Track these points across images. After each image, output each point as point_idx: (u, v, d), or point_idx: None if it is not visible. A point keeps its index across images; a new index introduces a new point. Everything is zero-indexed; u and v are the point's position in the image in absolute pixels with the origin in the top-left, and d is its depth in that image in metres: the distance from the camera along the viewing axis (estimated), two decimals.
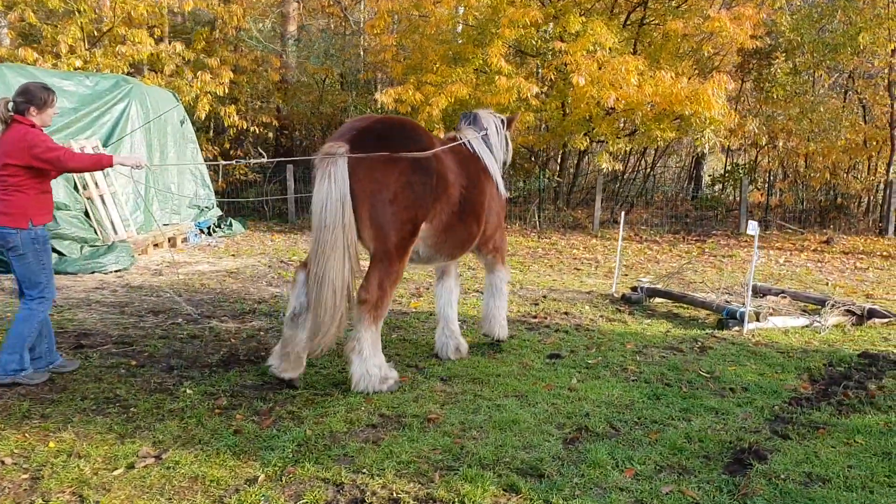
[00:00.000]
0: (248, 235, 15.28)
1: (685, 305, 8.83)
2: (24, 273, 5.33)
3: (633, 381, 5.87)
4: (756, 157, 17.74)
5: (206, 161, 16.19)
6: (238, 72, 16.52)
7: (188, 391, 5.42)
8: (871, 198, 17.25)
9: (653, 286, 9.39)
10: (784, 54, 15.62)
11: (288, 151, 18.70)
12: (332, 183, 5.04)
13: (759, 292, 9.57)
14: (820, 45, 15.20)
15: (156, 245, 12.57)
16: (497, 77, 13.80)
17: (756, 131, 15.47)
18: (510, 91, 13.82)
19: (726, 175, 18.25)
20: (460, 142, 6.19)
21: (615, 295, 9.60)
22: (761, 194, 16.57)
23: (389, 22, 15.26)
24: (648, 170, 19.92)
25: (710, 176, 19.73)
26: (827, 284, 11.20)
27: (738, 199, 17.53)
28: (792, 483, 4.10)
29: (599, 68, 13.72)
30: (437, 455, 4.39)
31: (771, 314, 8.16)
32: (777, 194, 16.87)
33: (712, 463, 4.37)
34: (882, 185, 16.57)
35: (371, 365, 5.36)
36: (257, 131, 16.56)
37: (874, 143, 16.65)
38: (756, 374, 6.12)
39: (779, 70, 15.41)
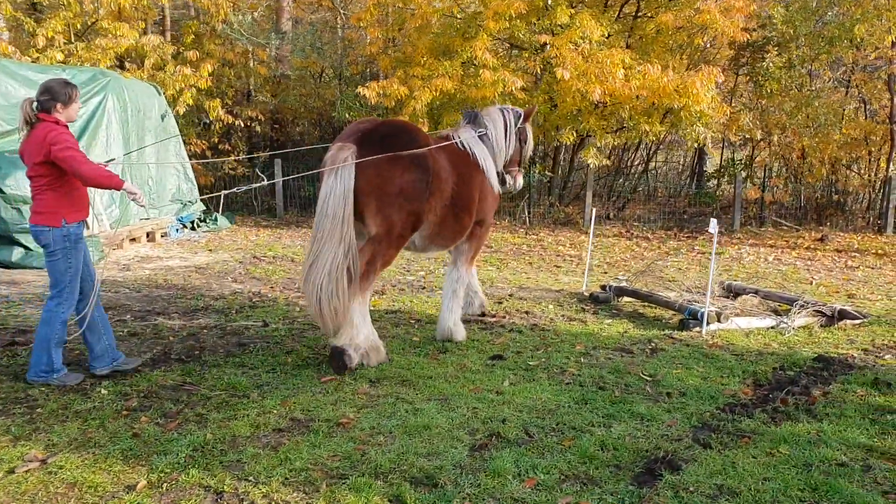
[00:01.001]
0: (234, 230, 15.19)
1: (652, 305, 8.60)
2: (51, 271, 5.31)
3: (567, 384, 5.67)
4: (752, 152, 17.37)
5: (191, 158, 16.12)
6: (226, 65, 16.40)
7: (103, 391, 5.29)
8: (871, 194, 16.84)
9: (620, 285, 9.16)
10: (777, 48, 15.23)
11: (281, 146, 18.59)
12: (339, 178, 5.57)
13: (732, 291, 9.34)
14: (816, 38, 14.83)
15: (133, 240, 12.51)
16: (482, 70, 13.57)
17: (750, 125, 15.12)
18: (495, 84, 13.60)
19: (721, 171, 17.89)
20: (452, 141, 6.62)
21: (584, 293, 9.38)
22: (754, 191, 16.19)
23: (376, 14, 15.04)
24: (642, 165, 19.59)
25: (708, 171, 19.36)
26: (811, 283, 10.91)
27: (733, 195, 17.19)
28: (699, 496, 3.90)
29: (586, 60, 13.44)
30: (335, 462, 4.22)
31: (737, 314, 7.93)
32: (772, 190, 16.50)
33: (622, 473, 4.17)
34: (881, 182, 16.18)
35: (358, 333, 5.79)
36: (242, 125, 16.43)
37: (874, 139, 16.25)
38: (699, 378, 5.90)
39: (771, 63, 15.03)
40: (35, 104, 5.17)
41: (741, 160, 17.71)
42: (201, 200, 14.87)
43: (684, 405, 5.25)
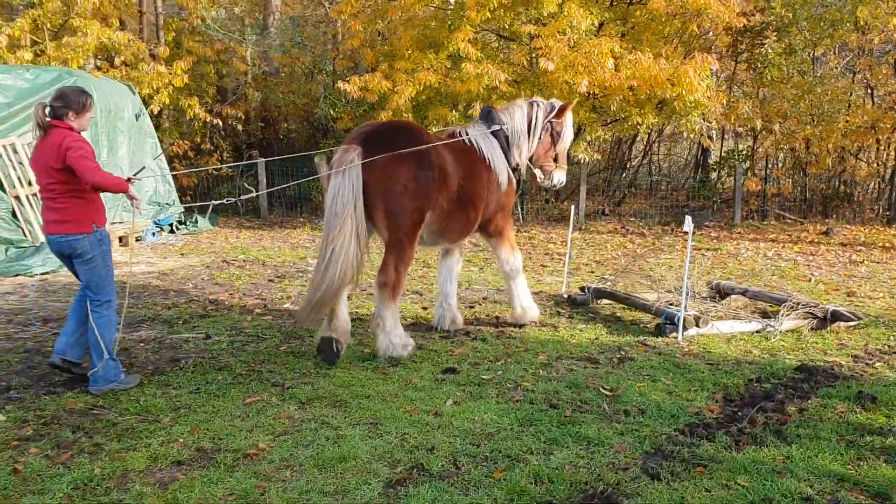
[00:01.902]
0: (216, 232, 14.75)
1: (631, 308, 8.06)
2: (90, 277, 5.27)
3: (516, 402, 5.15)
4: (754, 142, 16.70)
5: (173, 159, 15.72)
6: (205, 62, 15.95)
7: (1, 417, 4.82)
8: (881, 185, 16.15)
9: (599, 286, 8.62)
10: (776, 33, 14.54)
11: (268, 145, 18.14)
12: (346, 178, 5.76)
13: (721, 292, 8.78)
14: (817, 22, 14.16)
15: None
16: (464, 64, 13.02)
17: (749, 114, 14.46)
18: (479, 78, 13.04)
19: (721, 162, 17.23)
20: (459, 138, 6.69)
21: (563, 296, 8.84)
22: (755, 183, 15.52)
23: (357, 6, 14.51)
24: (641, 158, 18.97)
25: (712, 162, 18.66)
26: (809, 281, 10.32)
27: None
28: None
29: (573, 48, 12.85)
30: (228, 502, 3.73)
31: (721, 318, 7.38)
32: (775, 182, 15.84)
33: None
34: (891, 171, 15.50)
35: (394, 336, 6.14)
36: (221, 124, 15.96)
37: (883, 126, 15.52)
38: (664, 393, 5.36)
39: (770, 49, 14.36)
40: (48, 109, 5.12)
41: (742, 151, 17.04)
42: (187, 206, 14.42)
43: (640, 426, 4.72)
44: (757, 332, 7.22)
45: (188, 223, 14.50)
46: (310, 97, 17.09)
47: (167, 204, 13.96)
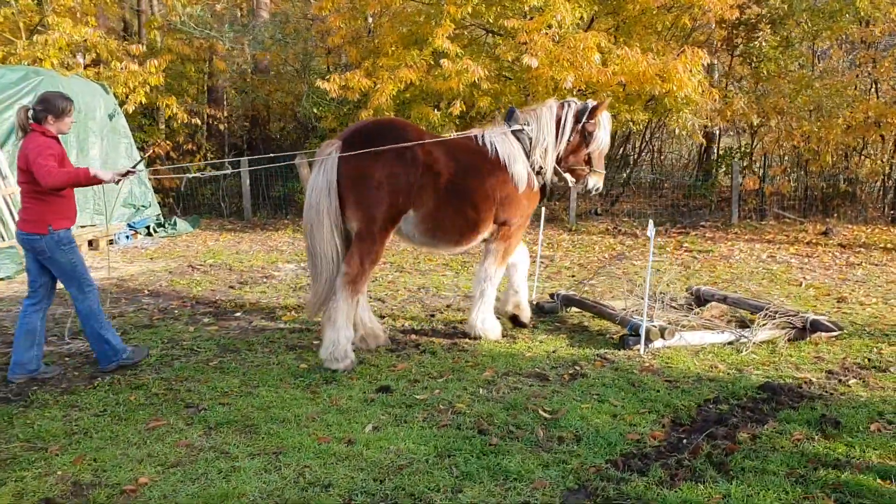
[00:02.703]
0: (196, 235, 14.39)
1: (598, 317, 7.59)
2: (59, 274, 5.52)
3: (443, 426, 4.71)
4: (752, 139, 16.10)
5: (154, 160, 15.39)
6: (185, 61, 15.58)
7: None
8: (886, 182, 15.53)
9: (568, 294, 8.15)
10: (770, 25, 13.94)
11: (255, 145, 17.76)
12: (322, 172, 5.88)
13: (700, 298, 8.29)
14: (815, 14, 13.56)
15: None
16: (442, 60, 12.57)
17: (745, 110, 13.88)
18: (460, 75, 12.59)
19: (719, 160, 16.64)
20: (472, 137, 6.59)
21: (532, 303, 8.36)
22: (753, 181, 14.94)
23: (339, 2, 14.08)
24: (638, 155, 18.42)
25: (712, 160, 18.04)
26: (800, 285, 9.80)
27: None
28: None
29: (558, 43, 12.37)
30: None
31: (693, 328, 6.91)
32: (772, 180, 15.25)
33: None
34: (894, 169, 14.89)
35: (342, 336, 5.91)
36: (203, 124, 15.56)
37: (887, 122, 14.89)
38: (608, 416, 4.89)
39: (764, 42, 13.77)
40: (31, 112, 5.33)
41: (739, 148, 16.45)
42: (161, 203, 14.07)
43: (571, 456, 4.26)
44: (729, 343, 6.75)
45: (167, 225, 14.16)
46: (295, 96, 16.68)
47: (143, 206, 13.62)
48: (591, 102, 6.82)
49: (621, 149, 18.24)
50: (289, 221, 15.84)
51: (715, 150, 18.87)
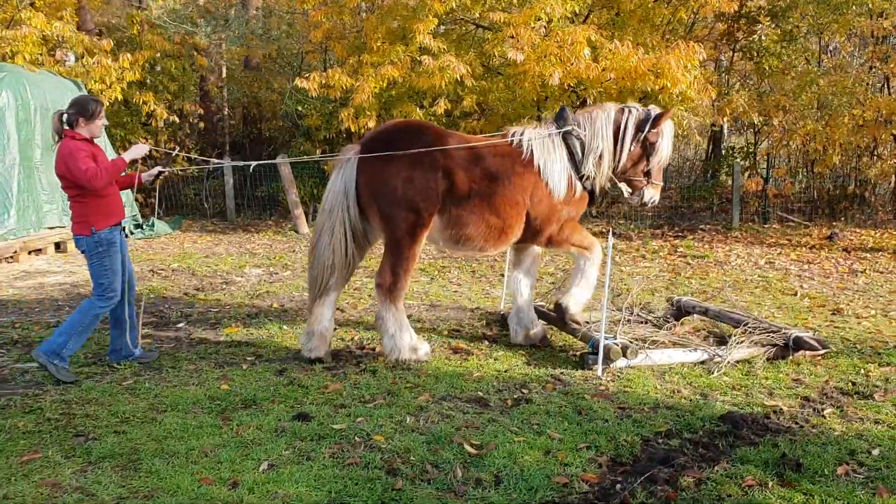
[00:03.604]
0: (175, 237, 13.94)
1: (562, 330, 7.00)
2: (91, 272, 5.69)
3: (349, 465, 4.15)
4: (755, 138, 15.38)
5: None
6: (167, 56, 15.11)
7: None
8: None
9: (537, 306, 7.56)
10: (770, 18, 13.21)
11: (243, 144, 17.30)
12: (340, 176, 5.87)
13: (681, 310, 7.69)
14: (820, 6, 12.83)
15: (37, 251, 11.33)
16: (424, 57, 12.00)
17: (745, 108, 13.18)
18: (443, 71, 12.02)
19: (722, 160, 15.92)
20: (505, 139, 6.28)
21: (501, 314, 7.80)
22: (755, 182, 14.23)
23: None
24: None
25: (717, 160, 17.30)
26: (794, 295, 9.16)
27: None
28: None
29: (546, 37, 11.76)
30: None
31: (662, 345, 6.31)
32: (778, 182, 14.54)
33: None
34: None
35: (399, 339, 5.97)
36: (176, 120, 15.07)
37: None
38: (541, 452, 4.32)
39: (764, 36, 13.05)
40: (65, 116, 5.46)
41: (742, 148, 15.74)
42: (143, 203, 13.63)
43: None
44: (701, 363, 6.15)
45: (144, 227, 13.71)
46: (280, 94, 16.18)
47: None
48: (653, 110, 6.34)
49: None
50: (272, 223, 15.36)
51: (722, 150, 18.16)
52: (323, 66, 15.32)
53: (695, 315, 7.57)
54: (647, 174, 6.43)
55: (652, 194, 6.53)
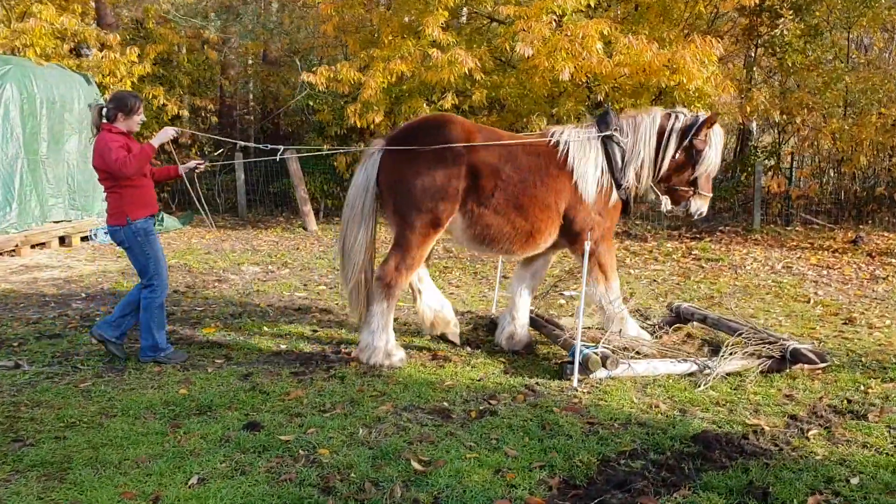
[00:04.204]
0: (184, 232, 13.87)
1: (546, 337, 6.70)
2: (134, 263, 5.82)
3: (283, 481, 3.91)
4: (779, 137, 14.84)
5: None
6: (181, 51, 15.03)
7: None
8: None
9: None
10: (792, 11, 12.66)
11: (263, 138, 17.16)
12: (362, 172, 5.82)
13: (681, 316, 7.36)
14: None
15: (41, 245, 11.31)
16: (432, 51, 11.73)
17: (766, 106, 12.68)
18: (453, 65, 11.74)
19: (746, 159, 15.39)
20: (540, 134, 6.18)
21: (491, 317, 7.53)
22: (778, 183, 13.70)
23: None
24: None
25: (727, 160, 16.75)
26: (808, 302, 8.75)
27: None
28: None
29: (557, 30, 11.42)
30: None
31: (650, 355, 5.99)
32: (799, 183, 14.00)
33: None
34: None
35: (378, 338, 5.80)
36: (187, 115, 14.98)
37: None
38: (490, 471, 4.04)
39: (786, 31, 12.52)
40: (104, 110, 5.57)
41: (765, 147, 15.20)
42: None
43: None
44: (689, 375, 5.81)
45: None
46: (292, 86, 16.00)
47: None
48: (701, 115, 6.02)
49: None
50: (283, 220, 15.23)
51: (752, 148, 17.61)
52: (339, 60, 15.05)
53: (694, 323, 7.26)
54: (694, 184, 6.08)
55: (699, 205, 6.18)
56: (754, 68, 14.27)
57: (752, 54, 14.20)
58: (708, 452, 4.25)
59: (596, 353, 5.64)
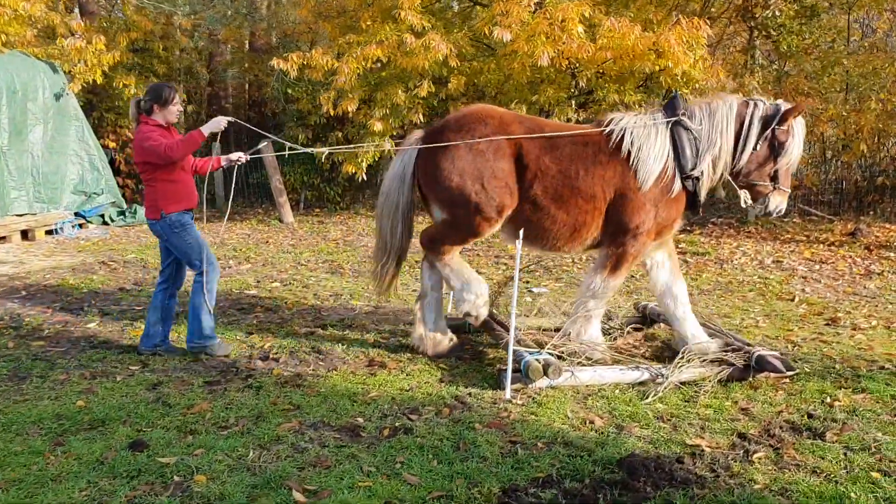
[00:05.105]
0: None
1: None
2: (179, 254, 5.76)
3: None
4: None
5: (125, 146, 14.53)
6: (155, 38, 14.59)
7: None
8: None
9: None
10: None
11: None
12: (399, 161, 5.75)
13: (646, 317, 6.88)
14: None
15: (1, 239, 10.94)
16: (406, 36, 11.22)
17: (759, 91, 12.07)
18: (429, 51, 11.22)
19: None
20: (597, 122, 5.77)
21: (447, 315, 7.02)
22: None
23: None
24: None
25: None
26: (792, 300, 8.22)
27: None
28: None
29: (536, 13, 10.87)
30: None
31: (602, 361, 5.50)
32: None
33: None
34: None
35: (425, 327, 5.88)
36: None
37: None
38: (379, 501, 3.57)
39: (779, 11, 11.87)
40: (140, 103, 5.54)
41: None
42: (134, 189, 13.16)
43: None
44: (641, 383, 5.32)
45: (126, 213, 13.27)
46: (269, 74, 15.50)
47: (95, 193, 12.73)
48: (782, 104, 5.49)
49: None
50: (261, 211, 14.80)
51: None
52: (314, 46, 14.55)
53: (662, 325, 6.77)
54: (774, 178, 5.57)
55: (779, 202, 5.63)
56: (756, 52, 13.60)
57: (751, 38, 13.55)
58: (631, 480, 3.75)
59: (538, 360, 5.16)
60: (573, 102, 11.84)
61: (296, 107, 14.46)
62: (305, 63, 12.07)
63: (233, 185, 6.68)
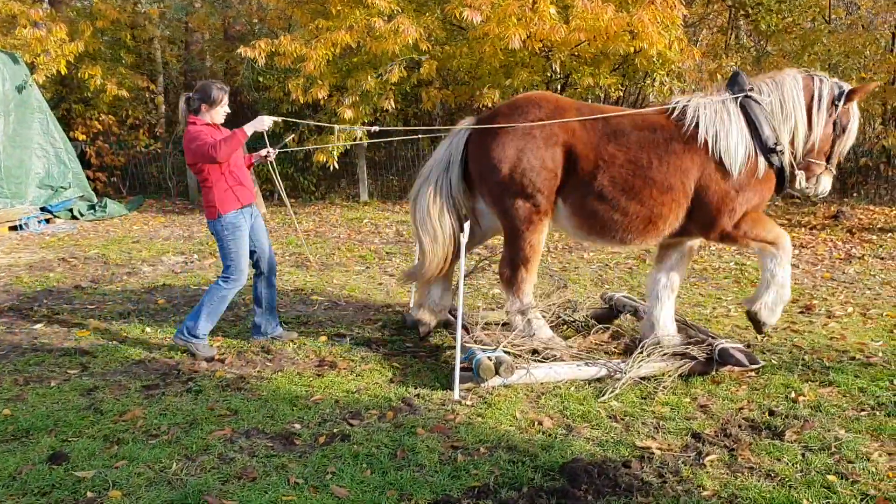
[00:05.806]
0: (128, 218, 13.19)
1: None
2: (221, 255, 5.72)
3: None
4: None
5: (97, 137, 14.22)
6: (120, 28, 14.25)
7: None
8: None
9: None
10: None
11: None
12: (446, 147, 5.53)
13: (615, 308, 6.65)
14: None
15: None
16: (374, 20, 10.94)
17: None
18: (398, 35, 10.94)
19: None
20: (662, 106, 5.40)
21: (406, 315, 6.80)
22: None
23: None
24: None
25: None
26: None
27: None
28: None
29: None
30: None
31: (553, 357, 5.27)
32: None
33: None
34: None
35: (536, 339, 5.36)
36: (127, 96, 14.12)
37: None
38: None
39: None
40: (190, 101, 5.45)
41: None
42: (105, 182, 12.89)
43: None
44: (598, 380, 5.10)
45: (97, 208, 12.99)
46: (238, 62, 15.16)
47: (62, 187, 12.45)
48: (845, 85, 5.24)
49: None
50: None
51: None
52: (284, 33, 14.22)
53: (627, 315, 6.55)
54: (829, 159, 5.33)
55: (827, 183, 5.40)
56: (740, 33, 13.31)
57: (731, 17, 13.26)
58: (572, 488, 3.53)
59: (490, 359, 4.94)
60: (549, 87, 11.55)
61: (267, 95, 14.15)
62: (274, 50, 11.76)
63: (279, 182, 6.49)
